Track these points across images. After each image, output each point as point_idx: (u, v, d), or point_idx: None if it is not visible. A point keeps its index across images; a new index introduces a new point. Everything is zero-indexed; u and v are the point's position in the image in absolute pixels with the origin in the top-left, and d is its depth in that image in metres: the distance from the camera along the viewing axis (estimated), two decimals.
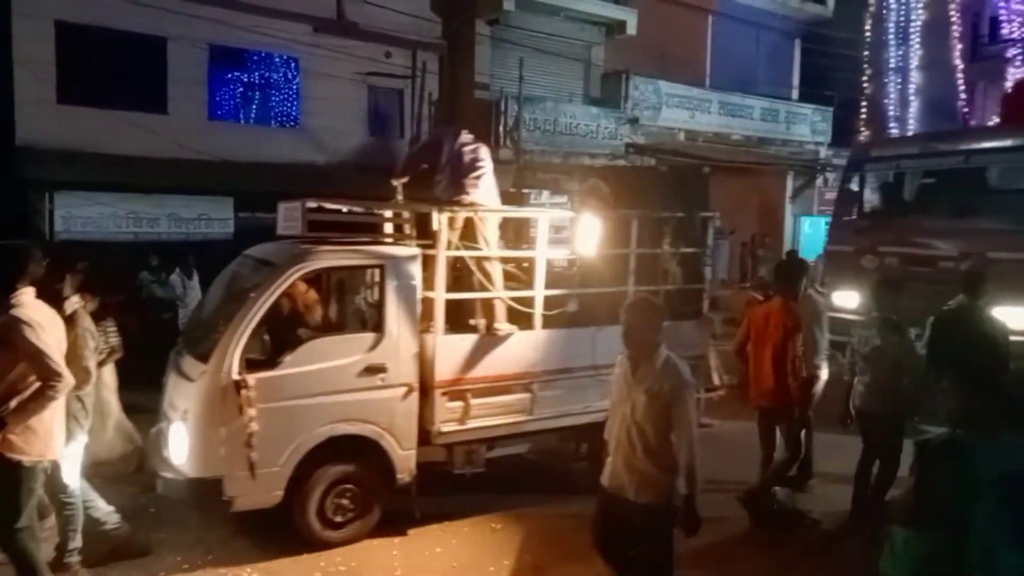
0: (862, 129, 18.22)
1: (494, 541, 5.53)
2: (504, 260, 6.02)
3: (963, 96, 16.08)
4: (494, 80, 15.73)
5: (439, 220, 5.43)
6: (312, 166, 14.13)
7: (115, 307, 5.93)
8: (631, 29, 17.05)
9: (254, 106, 14.74)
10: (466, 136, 6.07)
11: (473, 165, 5.84)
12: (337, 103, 14.55)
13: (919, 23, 18.31)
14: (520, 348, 5.80)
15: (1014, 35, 15.75)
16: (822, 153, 20.28)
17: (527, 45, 15.72)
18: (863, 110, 18.54)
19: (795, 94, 19.96)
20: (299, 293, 5.55)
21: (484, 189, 5.86)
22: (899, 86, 17.85)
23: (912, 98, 17.43)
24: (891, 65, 17.86)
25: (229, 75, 14.29)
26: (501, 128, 15.12)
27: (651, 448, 3.67)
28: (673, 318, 6.53)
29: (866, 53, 17.00)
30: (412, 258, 5.48)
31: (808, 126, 19.54)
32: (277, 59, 14.53)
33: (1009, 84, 14.69)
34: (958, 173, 9.49)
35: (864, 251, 9.35)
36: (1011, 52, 14.61)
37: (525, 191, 15.67)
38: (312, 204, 5.45)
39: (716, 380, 6.96)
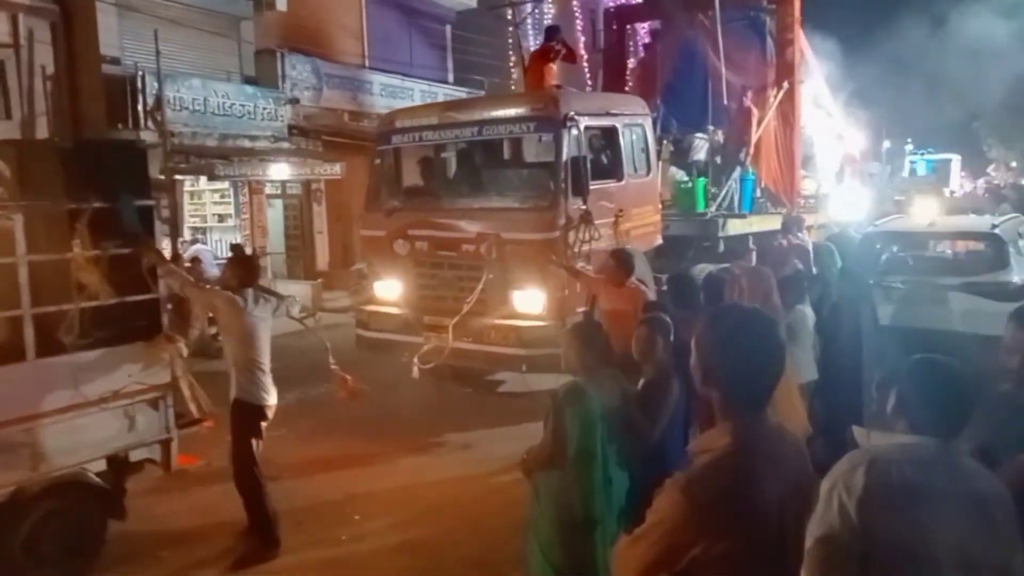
0: None
1: None
2: None
3: (589, 83, 16.17)
4: (126, 54, 12.29)
5: None
6: None
7: None
8: (281, 4, 14.50)
9: None
10: None
11: None
12: None
13: (550, 17, 18.07)
14: None
15: None
16: None
17: (163, 16, 12.43)
18: None
19: (451, 78, 18.77)
20: None
21: None
22: None
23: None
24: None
25: None
26: (140, 107, 11.91)
27: None
28: (97, 345, 4.38)
29: (510, 41, 16.35)
30: None
31: None
32: None
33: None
34: (477, 146, 8.05)
35: (396, 235, 7.40)
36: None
37: (177, 177, 12.71)
38: None
39: (195, 411, 4.89)
